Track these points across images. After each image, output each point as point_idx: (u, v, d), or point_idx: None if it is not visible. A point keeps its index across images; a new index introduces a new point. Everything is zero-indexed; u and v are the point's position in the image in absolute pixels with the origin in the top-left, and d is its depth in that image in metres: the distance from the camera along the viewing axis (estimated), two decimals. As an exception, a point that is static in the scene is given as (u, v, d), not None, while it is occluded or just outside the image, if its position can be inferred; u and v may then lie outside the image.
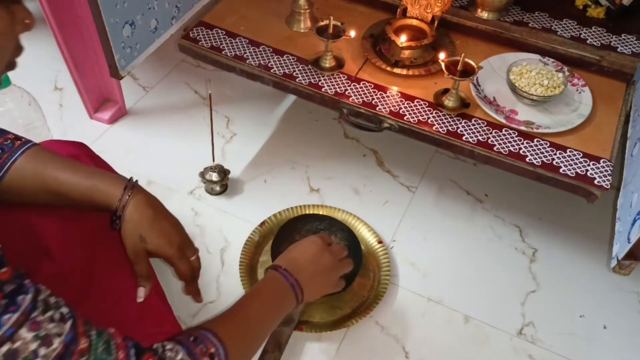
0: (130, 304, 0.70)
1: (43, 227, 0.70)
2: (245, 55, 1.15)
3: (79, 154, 0.79)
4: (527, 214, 1.24)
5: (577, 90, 1.10)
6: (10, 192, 0.68)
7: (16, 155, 0.68)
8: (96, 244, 0.72)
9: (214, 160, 1.21)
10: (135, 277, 0.71)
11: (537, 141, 1.02)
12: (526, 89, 1.06)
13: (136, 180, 0.71)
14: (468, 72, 1.03)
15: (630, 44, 1.16)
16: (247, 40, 1.19)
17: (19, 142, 0.69)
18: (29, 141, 0.71)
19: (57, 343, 0.48)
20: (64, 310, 0.51)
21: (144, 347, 0.57)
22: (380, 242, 1.15)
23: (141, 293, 0.70)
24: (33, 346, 0.47)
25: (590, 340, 1.06)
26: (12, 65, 0.58)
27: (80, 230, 0.72)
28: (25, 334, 0.47)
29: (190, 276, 0.73)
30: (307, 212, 1.19)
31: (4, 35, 0.54)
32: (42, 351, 0.47)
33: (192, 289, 0.76)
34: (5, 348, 0.45)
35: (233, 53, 1.16)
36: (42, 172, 0.68)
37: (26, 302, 0.48)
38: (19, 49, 0.57)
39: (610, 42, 1.16)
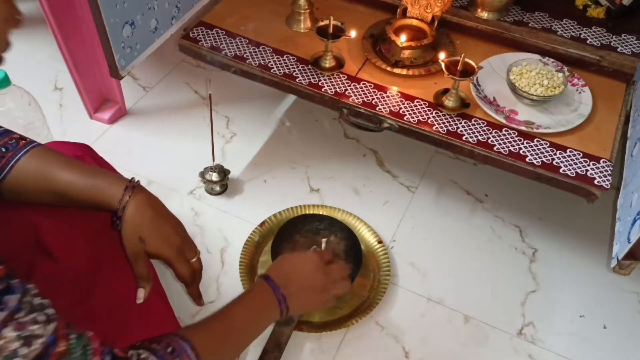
0: (131, 304, 0.70)
1: (46, 226, 0.70)
2: (245, 55, 1.15)
3: (83, 155, 0.79)
4: (527, 214, 1.24)
5: (577, 90, 1.10)
6: (13, 191, 0.68)
7: (20, 154, 0.68)
8: (99, 244, 0.72)
9: (214, 160, 1.21)
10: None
11: (537, 141, 1.02)
12: (526, 89, 1.06)
13: (138, 181, 0.71)
14: (468, 72, 1.03)
15: (630, 44, 1.16)
16: (247, 40, 1.19)
17: (23, 141, 0.69)
18: (34, 141, 0.71)
19: (37, 344, 0.48)
20: (49, 311, 0.51)
21: (119, 354, 0.56)
22: (380, 242, 1.15)
23: (140, 294, 0.69)
24: (15, 345, 0.47)
25: (590, 340, 1.06)
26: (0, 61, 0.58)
27: (83, 230, 0.72)
28: (9, 333, 0.47)
29: (190, 278, 0.72)
30: (307, 212, 1.19)
31: None
32: (23, 351, 0.47)
33: (193, 291, 0.76)
34: None
35: (233, 53, 1.16)
36: (45, 171, 0.68)
37: (13, 302, 0.48)
38: (7, 45, 0.57)
39: (610, 42, 1.16)
